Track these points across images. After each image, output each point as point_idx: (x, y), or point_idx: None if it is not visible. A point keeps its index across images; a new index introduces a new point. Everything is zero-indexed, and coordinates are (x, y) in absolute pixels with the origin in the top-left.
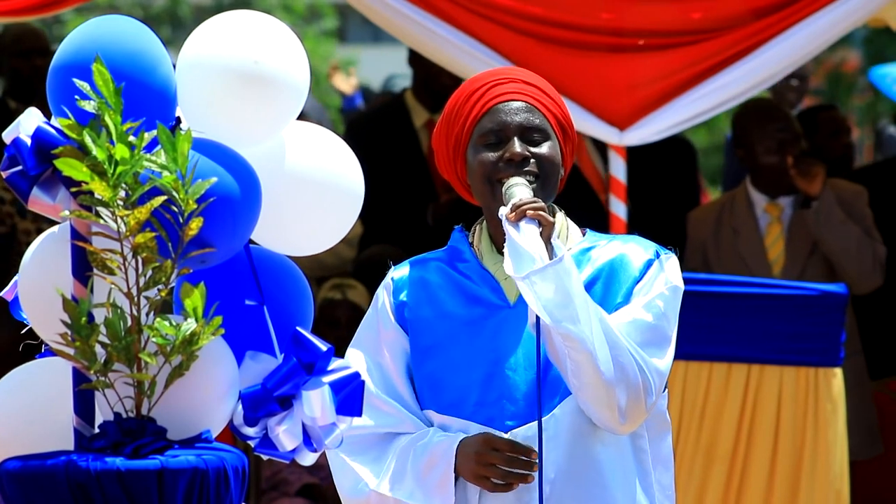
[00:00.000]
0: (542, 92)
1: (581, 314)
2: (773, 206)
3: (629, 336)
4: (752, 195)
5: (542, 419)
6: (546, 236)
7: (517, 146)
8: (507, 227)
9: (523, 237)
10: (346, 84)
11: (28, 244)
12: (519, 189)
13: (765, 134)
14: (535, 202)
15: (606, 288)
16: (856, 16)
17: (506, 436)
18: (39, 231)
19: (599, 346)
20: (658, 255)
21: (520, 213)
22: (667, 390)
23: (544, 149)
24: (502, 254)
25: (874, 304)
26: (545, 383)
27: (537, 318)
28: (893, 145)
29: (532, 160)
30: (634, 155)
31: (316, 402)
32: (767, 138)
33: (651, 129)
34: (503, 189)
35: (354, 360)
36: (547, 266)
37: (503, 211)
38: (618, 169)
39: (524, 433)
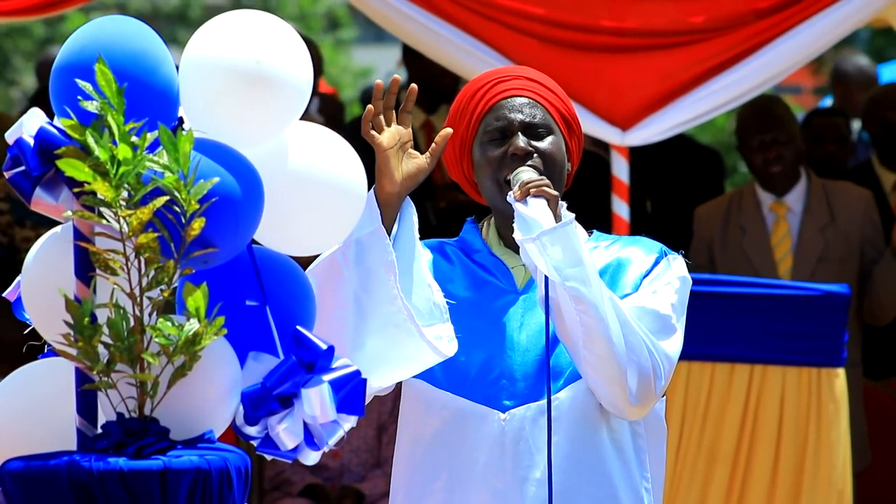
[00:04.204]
0: (544, 87)
1: (592, 279)
2: (778, 204)
3: (639, 321)
4: (759, 193)
5: (546, 401)
6: (553, 208)
7: (520, 141)
8: (515, 204)
9: (530, 209)
10: None
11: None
12: (526, 173)
13: (755, 133)
14: (539, 180)
15: (613, 282)
16: (858, 16)
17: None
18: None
19: (612, 320)
20: (665, 254)
21: (525, 192)
22: (665, 394)
23: (547, 144)
24: (510, 248)
25: None
26: (546, 359)
27: (546, 294)
28: None
29: (535, 155)
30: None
31: (316, 400)
32: (757, 135)
33: (653, 129)
34: (511, 177)
35: None
36: (557, 227)
37: (511, 194)
38: (620, 169)
39: (522, 413)
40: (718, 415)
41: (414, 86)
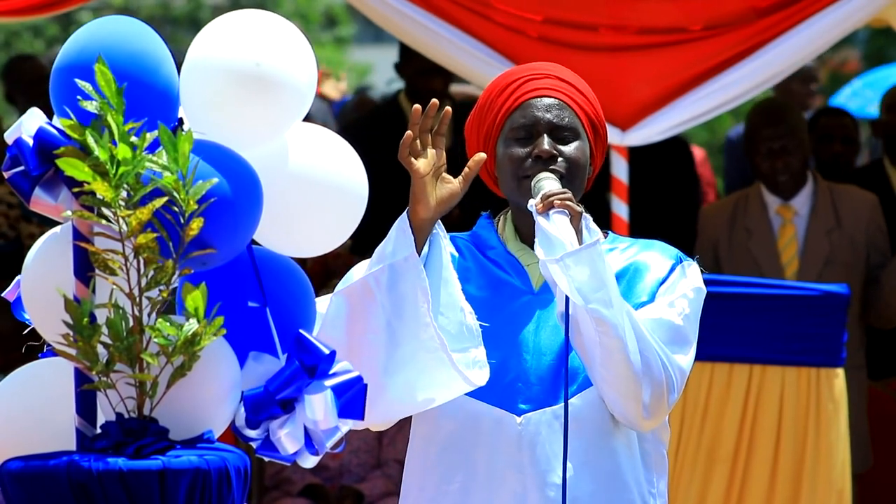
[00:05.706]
0: (576, 90)
1: (614, 300)
2: (785, 207)
3: (653, 333)
4: (765, 196)
5: (560, 406)
6: (575, 225)
7: (546, 143)
8: (537, 217)
9: (553, 225)
10: (334, 90)
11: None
12: (547, 182)
13: (765, 139)
14: (563, 192)
15: (629, 287)
16: (858, 16)
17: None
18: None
19: (630, 338)
20: (681, 261)
21: (548, 204)
22: None
23: (572, 148)
24: (527, 244)
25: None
26: (565, 372)
27: (566, 307)
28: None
29: (559, 158)
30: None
31: (318, 405)
32: (766, 142)
33: (653, 129)
34: (531, 183)
35: None
36: (581, 249)
37: (532, 202)
38: (620, 169)
39: (538, 417)
40: (717, 415)
41: (448, 108)
